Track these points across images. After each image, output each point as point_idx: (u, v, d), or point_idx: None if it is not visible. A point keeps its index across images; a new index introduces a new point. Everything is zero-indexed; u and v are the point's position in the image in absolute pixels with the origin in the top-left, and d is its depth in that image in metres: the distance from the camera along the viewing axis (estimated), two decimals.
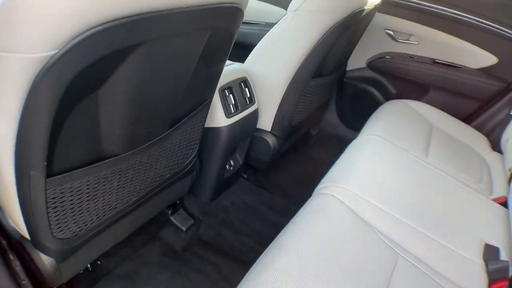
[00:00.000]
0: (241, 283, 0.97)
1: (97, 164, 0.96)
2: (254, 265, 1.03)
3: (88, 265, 1.44)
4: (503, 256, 1.30)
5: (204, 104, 1.27)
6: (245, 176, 2.11)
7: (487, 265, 1.23)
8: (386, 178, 1.45)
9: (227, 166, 1.78)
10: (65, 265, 1.12)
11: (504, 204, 1.57)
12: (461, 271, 1.20)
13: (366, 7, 1.83)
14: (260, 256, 1.06)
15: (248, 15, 2.60)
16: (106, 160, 0.98)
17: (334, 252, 1.07)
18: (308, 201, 1.30)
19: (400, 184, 1.45)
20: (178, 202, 1.72)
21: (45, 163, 0.81)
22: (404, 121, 1.94)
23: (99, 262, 1.50)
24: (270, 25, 1.85)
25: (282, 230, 1.15)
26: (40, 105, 0.70)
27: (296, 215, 1.22)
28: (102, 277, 1.45)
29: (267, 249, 1.08)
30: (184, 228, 1.71)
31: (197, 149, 1.41)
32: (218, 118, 1.51)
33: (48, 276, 1.09)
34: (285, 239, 1.09)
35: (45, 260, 1.05)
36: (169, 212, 1.71)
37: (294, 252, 1.03)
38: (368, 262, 1.09)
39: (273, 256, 1.02)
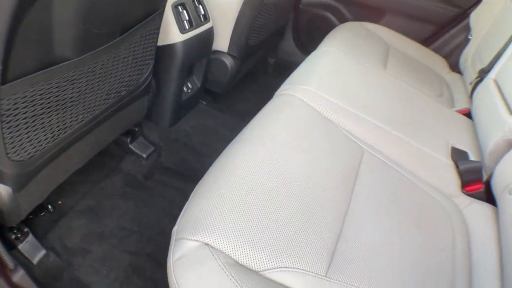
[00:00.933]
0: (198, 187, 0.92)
1: (49, 68, 0.89)
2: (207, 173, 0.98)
3: (49, 206, 1.38)
4: (472, 159, 1.32)
5: (156, 13, 1.21)
6: (204, 103, 2.07)
7: (457, 165, 1.25)
8: (347, 82, 1.44)
9: (184, 89, 1.74)
10: (23, 195, 1.06)
11: (468, 115, 1.59)
12: (430, 168, 1.22)
13: None
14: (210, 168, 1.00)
15: None
16: (58, 65, 0.91)
17: (301, 150, 1.04)
18: (268, 103, 1.27)
19: (361, 87, 1.44)
20: (137, 129, 1.66)
21: (1, 67, 0.75)
22: (360, 40, 1.92)
23: (60, 202, 1.43)
24: None
25: (240, 133, 1.10)
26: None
27: (254, 117, 1.18)
28: (65, 215, 1.40)
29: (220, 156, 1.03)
30: (144, 155, 1.66)
31: (151, 65, 1.35)
32: (173, 33, 1.47)
33: (5, 209, 1.02)
34: (242, 142, 1.05)
35: (1, 190, 0.99)
36: (128, 140, 1.65)
37: (251, 154, 0.99)
38: (335, 157, 1.08)
39: (226, 165, 0.96)
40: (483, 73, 1.61)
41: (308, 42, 2.64)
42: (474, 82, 1.70)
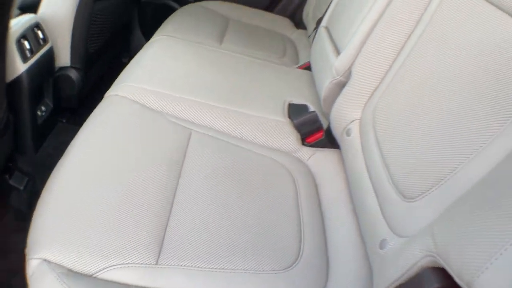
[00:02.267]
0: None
1: None
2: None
3: None
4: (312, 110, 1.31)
5: None
6: (63, 120, 1.97)
7: (292, 121, 1.23)
8: (176, 68, 1.38)
9: (38, 113, 1.70)
10: None
11: (309, 68, 1.58)
12: (268, 132, 1.19)
13: None
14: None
15: None
16: None
17: (127, 149, 1.01)
18: (96, 108, 1.21)
19: (191, 70, 1.39)
20: (11, 164, 1.60)
21: None
22: (197, 20, 1.88)
23: None
24: None
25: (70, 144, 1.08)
26: None
27: (83, 126, 1.12)
28: None
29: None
30: (21, 188, 1.60)
31: (5, 103, 1.31)
32: (17, 66, 1.42)
33: None
34: (69, 153, 1.03)
35: None
36: (7, 177, 1.59)
37: (77, 164, 0.98)
38: (161, 145, 1.04)
39: (55, 179, 0.96)
40: (320, 22, 1.61)
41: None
42: (312, 34, 1.70)
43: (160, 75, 1.33)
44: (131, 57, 2.54)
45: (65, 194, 0.90)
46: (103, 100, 1.25)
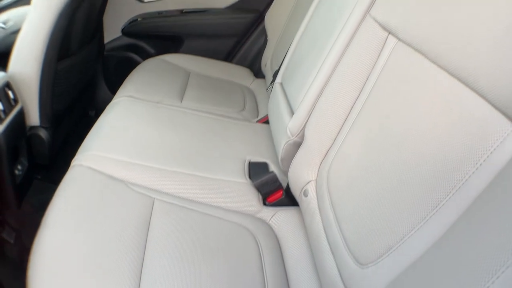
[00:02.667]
0: None
1: None
2: None
3: None
4: (273, 168, 1.35)
5: None
6: (39, 177, 1.98)
7: (252, 182, 1.26)
8: (138, 134, 1.40)
9: (16, 172, 1.74)
10: None
11: (268, 121, 1.62)
12: (229, 194, 1.21)
13: None
14: None
15: None
16: None
17: (91, 223, 1.01)
18: (63, 179, 1.22)
19: (153, 135, 1.41)
20: (1, 219, 1.64)
21: None
22: (158, 76, 1.92)
23: None
24: None
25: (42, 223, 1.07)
26: None
27: (49, 207, 1.12)
28: None
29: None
30: (12, 241, 1.62)
31: None
32: None
33: None
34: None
35: None
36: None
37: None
38: (124, 215, 1.05)
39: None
40: (276, 76, 1.66)
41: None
42: (269, 87, 1.75)
43: (122, 142, 1.35)
44: (97, 110, 2.59)
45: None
46: (69, 170, 1.26)
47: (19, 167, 1.79)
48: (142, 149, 1.32)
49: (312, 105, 1.13)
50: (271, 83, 1.73)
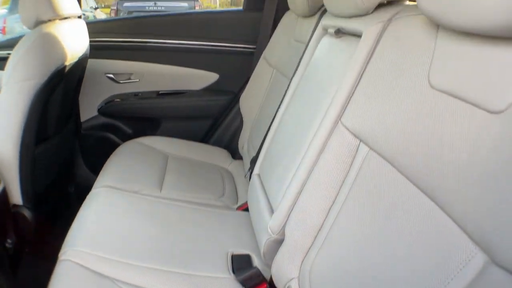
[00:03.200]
0: None
1: None
2: None
3: None
4: (255, 260, 1.38)
5: None
6: (27, 250, 1.98)
7: (236, 277, 1.28)
8: (118, 228, 1.42)
9: (7, 244, 1.75)
10: None
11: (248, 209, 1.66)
12: None
13: (67, 63, 1.87)
14: None
15: None
16: None
17: None
18: (53, 273, 1.24)
19: (133, 229, 1.43)
20: None
21: None
22: (136, 162, 1.96)
23: None
24: None
25: None
26: None
27: None
28: None
29: None
30: None
31: None
32: None
33: None
34: None
35: None
36: None
37: None
38: None
39: None
40: (253, 163, 1.71)
41: (100, 164, 2.64)
42: (247, 174, 1.80)
43: (105, 237, 1.37)
44: (76, 186, 2.60)
45: None
46: (58, 264, 1.28)
47: (9, 240, 1.79)
48: (125, 245, 1.34)
49: (291, 205, 1.17)
50: (249, 169, 1.78)
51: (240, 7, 2.63)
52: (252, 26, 2.46)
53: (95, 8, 10.98)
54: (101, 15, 11.50)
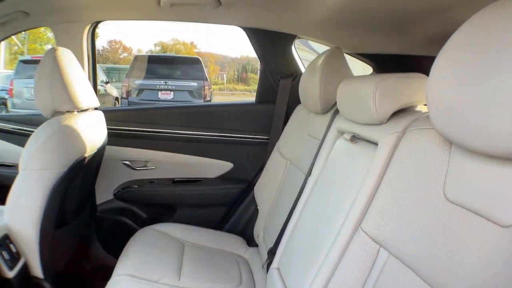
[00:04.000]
0: None
1: None
2: None
3: None
4: None
5: None
6: None
7: None
8: None
9: None
10: None
11: None
12: None
13: (87, 155, 1.97)
14: None
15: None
16: None
17: None
18: None
19: None
20: None
21: None
22: (154, 249, 2.01)
23: None
24: None
25: None
26: None
27: None
28: None
29: None
30: None
31: None
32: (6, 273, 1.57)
33: None
34: None
35: None
36: None
37: None
38: None
39: None
40: (271, 255, 1.76)
41: (115, 246, 2.68)
42: (265, 265, 1.85)
43: None
44: (91, 265, 2.63)
45: None
46: None
47: None
48: None
49: None
50: (266, 260, 1.83)
51: (246, 84, 2.79)
52: (265, 117, 2.60)
53: (106, 83, 11.38)
54: (112, 89, 11.89)
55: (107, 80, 11.76)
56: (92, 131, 2.04)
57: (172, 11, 2.25)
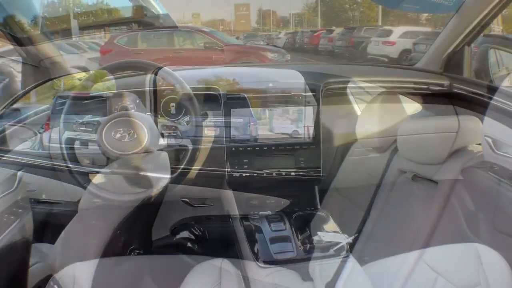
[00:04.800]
0: None
1: None
2: None
3: None
4: None
5: None
6: None
7: None
8: None
9: None
10: None
11: None
12: None
13: (153, 194, 2.01)
14: None
15: None
16: None
17: None
18: None
19: None
20: None
21: None
22: (211, 286, 2.06)
23: None
24: None
25: None
26: None
27: None
28: None
29: None
30: None
31: None
32: None
33: None
34: None
35: None
36: None
37: None
38: None
39: None
40: None
41: (170, 283, 2.73)
42: None
43: None
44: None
45: None
46: None
47: None
48: None
49: None
50: None
51: None
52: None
53: None
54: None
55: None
56: (157, 171, 2.05)
57: None
